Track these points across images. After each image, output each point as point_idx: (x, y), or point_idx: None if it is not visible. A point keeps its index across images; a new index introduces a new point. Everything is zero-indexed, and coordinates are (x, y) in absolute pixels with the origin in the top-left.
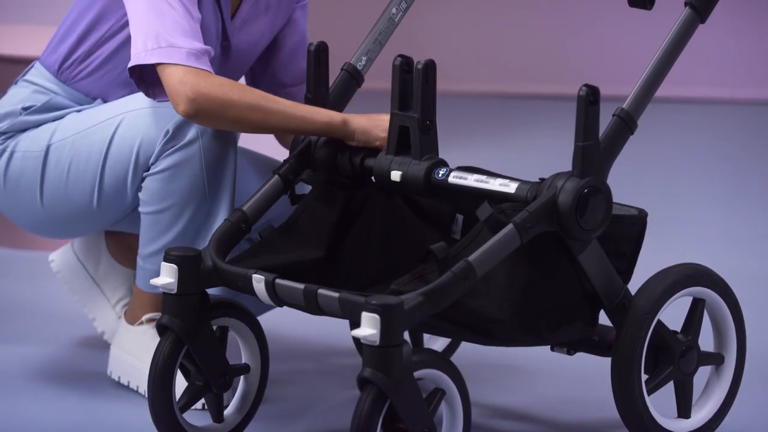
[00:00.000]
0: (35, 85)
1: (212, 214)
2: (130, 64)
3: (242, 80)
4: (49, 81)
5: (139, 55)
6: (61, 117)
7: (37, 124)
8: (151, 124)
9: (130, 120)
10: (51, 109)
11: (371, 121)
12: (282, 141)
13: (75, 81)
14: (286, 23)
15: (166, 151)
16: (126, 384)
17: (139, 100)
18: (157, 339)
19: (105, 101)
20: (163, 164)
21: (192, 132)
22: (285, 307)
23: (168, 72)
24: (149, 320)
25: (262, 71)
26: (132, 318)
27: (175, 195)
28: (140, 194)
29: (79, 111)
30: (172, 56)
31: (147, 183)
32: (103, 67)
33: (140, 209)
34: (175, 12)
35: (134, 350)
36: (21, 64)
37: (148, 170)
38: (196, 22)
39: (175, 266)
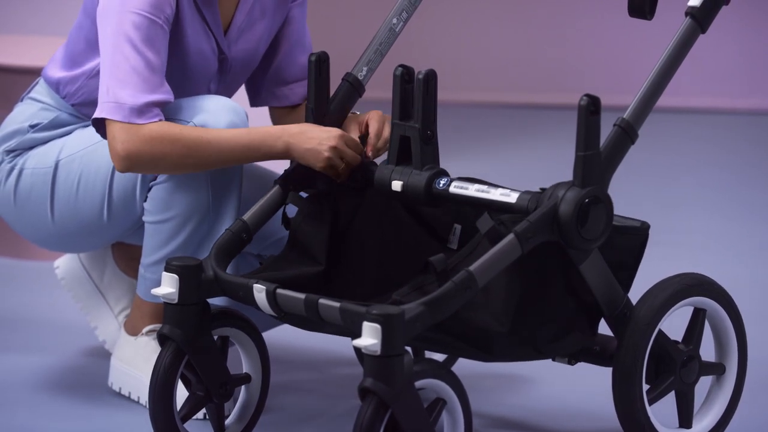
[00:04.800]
0: (41, 102)
1: (215, 227)
2: (92, 117)
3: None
4: (53, 99)
5: (97, 108)
6: (69, 133)
7: (45, 141)
8: None
9: None
10: (58, 126)
11: (312, 141)
12: None
13: (77, 105)
14: (284, 23)
15: None
16: (127, 395)
17: None
18: (158, 350)
19: None
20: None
21: None
22: None
23: (109, 128)
24: (149, 332)
25: (263, 72)
26: (132, 329)
27: (179, 205)
28: (145, 204)
29: (86, 126)
30: (114, 112)
31: (152, 192)
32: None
33: (144, 218)
34: (128, 65)
35: (135, 361)
36: (22, 74)
37: (155, 180)
38: (155, 72)
39: (176, 276)
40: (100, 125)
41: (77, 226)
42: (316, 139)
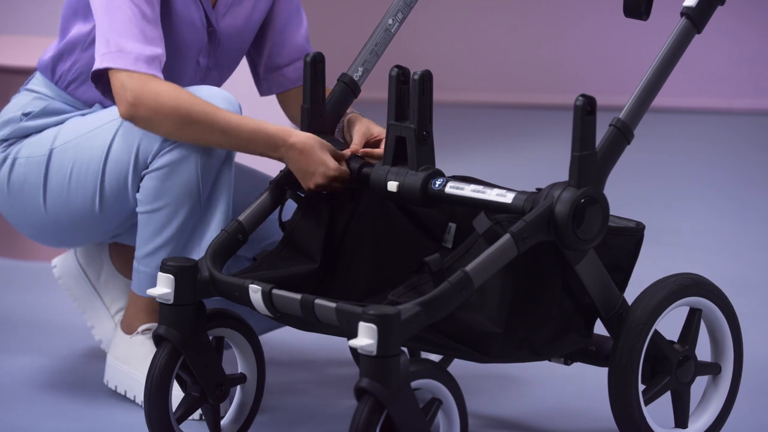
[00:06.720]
0: (35, 92)
1: (207, 218)
2: (92, 70)
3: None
4: (47, 87)
5: (96, 61)
6: (62, 122)
7: (38, 130)
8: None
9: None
10: (49, 114)
11: (308, 167)
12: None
13: (70, 89)
14: (274, 2)
15: (164, 150)
16: (123, 393)
17: None
18: (153, 349)
19: (104, 105)
20: (159, 162)
21: None
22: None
23: (115, 76)
24: (145, 330)
25: (259, 56)
26: (128, 327)
27: (170, 194)
28: (138, 194)
29: (83, 115)
30: (119, 61)
31: (144, 182)
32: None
33: (137, 209)
34: (125, 16)
35: (131, 360)
36: (22, 75)
37: (147, 169)
38: (150, 24)
39: (171, 276)
40: (100, 81)
41: (70, 216)
42: (312, 167)
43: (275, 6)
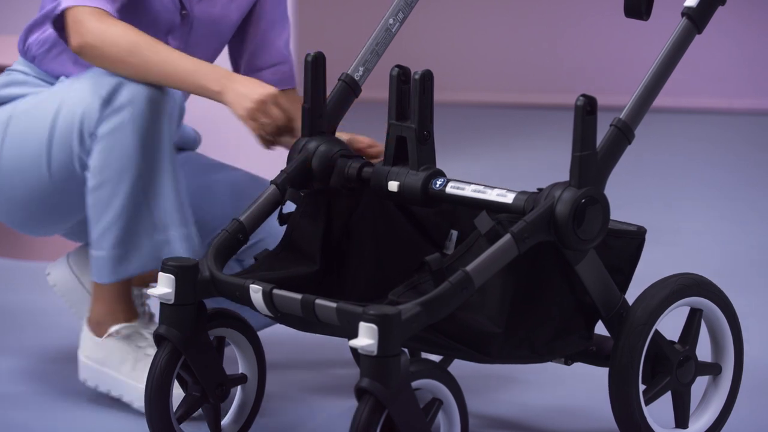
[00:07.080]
0: (12, 69)
1: (151, 193)
2: (51, 20)
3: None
4: (21, 64)
5: (55, 8)
6: (25, 94)
7: (6, 100)
8: (89, 91)
9: (73, 91)
10: (15, 83)
11: (246, 87)
12: None
13: (38, 61)
14: (256, 3)
15: (103, 119)
16: (107, 392)
17: (86, 74)
18: (128, 349)
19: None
20: (100, 131)
21: (122, 98)
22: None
23: (68, 14)
24: (116, 332)
25: (241, 57)
26: (97, 327)
27: (111, 166)
28: (87, 172)
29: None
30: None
31: (92, 154)
32: (58, 45)
33: (87, 187)
34: None
35: (108, 362)
36: None
37: (93, 134)
38: None
39: (172, 276)
40: (62, 28)
41: (25, 187)
42: (250, 87)
43: (261, 6)
